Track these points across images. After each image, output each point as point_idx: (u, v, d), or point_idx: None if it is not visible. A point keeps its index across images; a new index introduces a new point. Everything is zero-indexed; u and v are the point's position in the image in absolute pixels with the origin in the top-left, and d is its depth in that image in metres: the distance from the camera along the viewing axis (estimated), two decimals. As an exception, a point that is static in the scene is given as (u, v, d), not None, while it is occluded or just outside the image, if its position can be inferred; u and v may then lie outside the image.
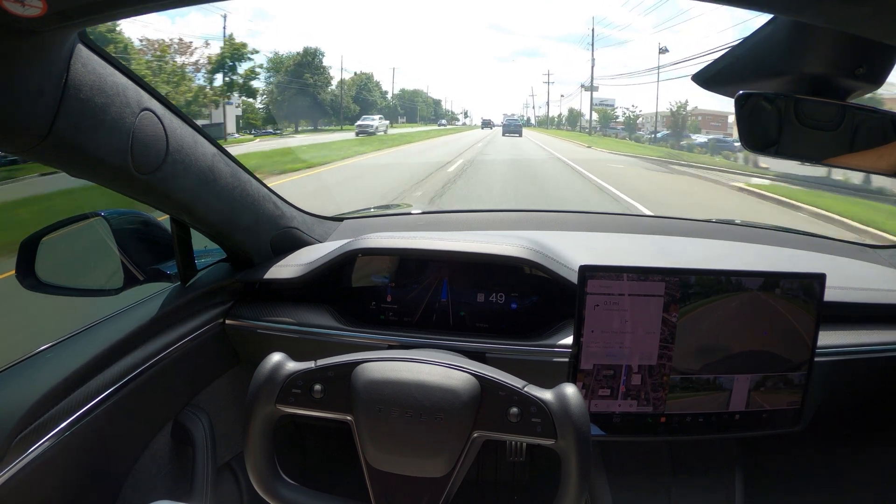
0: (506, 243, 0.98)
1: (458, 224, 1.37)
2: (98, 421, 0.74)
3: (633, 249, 1.17)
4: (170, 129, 0.73)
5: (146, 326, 0.85)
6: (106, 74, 0.61)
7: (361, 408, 0.60)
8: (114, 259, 0.88)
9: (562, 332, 0.94)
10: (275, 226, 1.06)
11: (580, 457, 0.58)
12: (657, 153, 19.33)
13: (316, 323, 0.99)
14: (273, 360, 0.63)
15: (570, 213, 1.56)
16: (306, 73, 31.72)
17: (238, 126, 24.20)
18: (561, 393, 0.60)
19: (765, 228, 1.42)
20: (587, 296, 0.82)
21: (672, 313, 0.83)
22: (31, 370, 0.72)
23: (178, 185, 0.78)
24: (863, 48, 0.51)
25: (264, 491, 0.63)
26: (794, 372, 0.87)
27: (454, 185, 8.85)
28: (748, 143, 0.61)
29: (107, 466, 0.79)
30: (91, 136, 0.60)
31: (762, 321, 0.85)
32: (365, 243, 1.00)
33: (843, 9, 0.37)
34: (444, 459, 0.60)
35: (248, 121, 25.57)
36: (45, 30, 0.48)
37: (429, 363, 0.63)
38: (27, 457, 0.65)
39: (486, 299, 1.02)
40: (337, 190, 8.23)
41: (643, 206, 7.12)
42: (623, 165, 14.09)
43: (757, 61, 0.58)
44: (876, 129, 0.57)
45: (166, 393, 0.90)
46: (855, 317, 0.99)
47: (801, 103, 0.57)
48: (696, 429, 0.87)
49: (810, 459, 1.17)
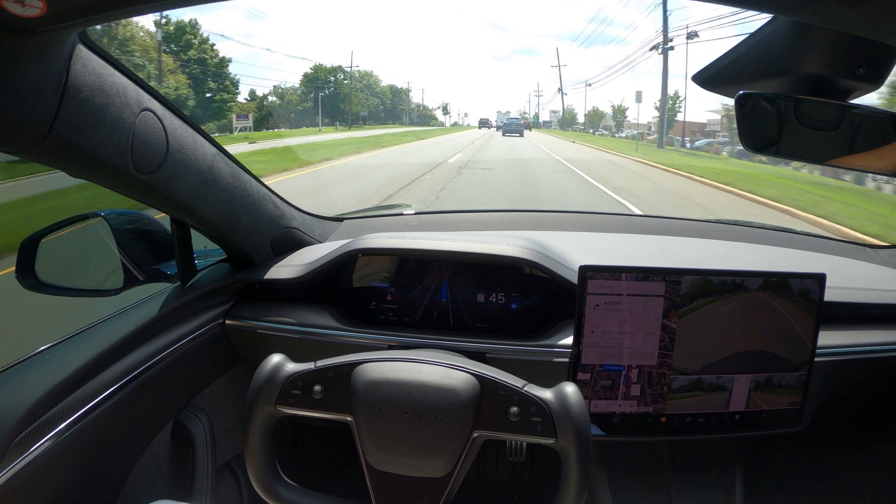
0: (506, 243, 0.98)
1: (458, 224, 1.37)
2: (98, 421, 0.74)
3: (633, 249, 1.17)
4: (170, 129, 0.73)
5: (146, 327, 0.85)
6: (106, 74, 0.61)
7: (361, 408, 0.60)
8: (114, 259, 0.88)
9: (562, 333, 0.94)
10: (275, 226, 1.06)
11: (580, 456, 0.58)
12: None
13: (316, 323, 0.99)
14: (273, 361, 0.63)
15: (569, 213, 1.56)
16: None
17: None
18: (561, 392, 0.60)
19: (765, 228, 1.42)
20: (587, 296, 0.82)
21: (672, 319, 0.83)
22: (31, 370, 0.72)
23: (178, 185, 0.77)
24: (863, 48, 0.51)
25: (264, 491, 0.63)
26: (794, 372, 0.87)
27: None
28: (748, 144, 0.61)
29: (107, 466, 0.79)
30: (91, 136, 0.60)
31: (762, 321, 0.85)
32: (365, 243, 1.00)
33: (843, 9, 0.37)
34: (444, 459, 0.60)
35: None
36: (45, 30, 0.48)
37: (429, 363, 0.63)
38: (27, 457, 0.65)
39: (486, 299, 1.01)
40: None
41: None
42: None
43: (757, 61, 0.58)
44: (876, 130, 0.57)
45: (166, 393, 0.90)
46: (855, 317, 0.99)
47: (801, 103, 0.57)
48: (696, 429, 0.87)
49: (810, 459, 1.17)
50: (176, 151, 0.75)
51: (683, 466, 1.10)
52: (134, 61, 20.88)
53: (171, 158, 0.74)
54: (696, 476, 1.10)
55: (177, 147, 0.75)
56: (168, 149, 0.73)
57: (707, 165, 13.46)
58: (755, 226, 1.46)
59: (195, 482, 0.93)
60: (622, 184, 9.72)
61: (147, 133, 0.69)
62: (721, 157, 19.90)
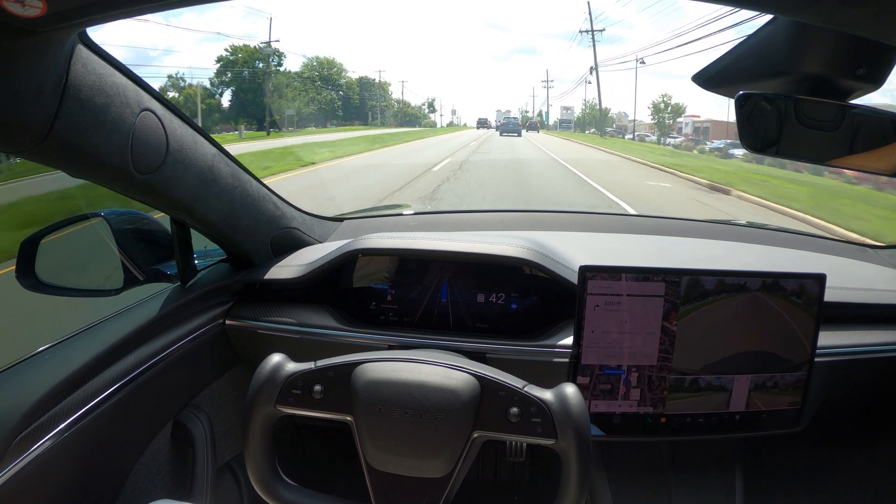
0: (506, 244, 0.98)
1: (458, 224, 1.37)
2: (98, 421, 0.74)
3: (633, 250, 1.17)
4: (170, 130, 0.73)
5: (146, 327, 0.85)
6: (106, 74, 0.61)
7: (361, 408, 0.60)
8: (114, 259, 0.88)
9: (562, 333, 0.94)
10: (275, 226, 1.06)
11: (580, 457, 0.58)
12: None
13: (316, 323, 0.99)
14: (273, 361, 0.63)
15: (568, 213, 1.56)
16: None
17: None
18: (561, 393, 0.60)
19: (765, 229, 1.42)
20: (587, 296, 0.82)
21: (672, 321, 0.83)
22: (31, 370, 0.72)
23: (178, 185, 0.78)
24: (863, 48, 0.51)
25: (264, 491, 0.63)
26: (794, 372, 0.87)
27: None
28: (748, 144, 0.61)
29: (107, 466, 0.79)
30: (91, 136, 0.60)
31: (762, 322, 0.85)
32: (365, 244, 1.00)
33: (843, 9, 0.37)
34: (444, 460, 0.60)
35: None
36: (45, 30, 0.48)
37: (429, 363, 0.63)
38: (27, 457, 0.65)
39: (486, 299, 1.01)
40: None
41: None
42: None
43: (757, 61, 0.58)
44: (876, 130, 0.57)
45: (166, 393, 0.90)
46: (855, 317, 0.99)
47: (801, 103, 0.57)
48: (696, 429, 0.87)
49: (810, 459, 1.17)
50: (176, 151, 0.75)
51: (683, 466, 1.10)
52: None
53: (171, 158, 0.74)
54: (696, 476, 1.10)
55: (177, 147, 0.75)
56: (168, 149, 0.73)
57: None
58: (755, 226, 1.46)
59: (195, 482, 0.93)
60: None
61: (147, 133, 0.69)
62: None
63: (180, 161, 0.76)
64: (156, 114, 0.70)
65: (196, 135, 0.80)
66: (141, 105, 0.67)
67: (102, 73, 0.61)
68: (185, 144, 0.77)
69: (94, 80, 0.59)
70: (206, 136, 0.83)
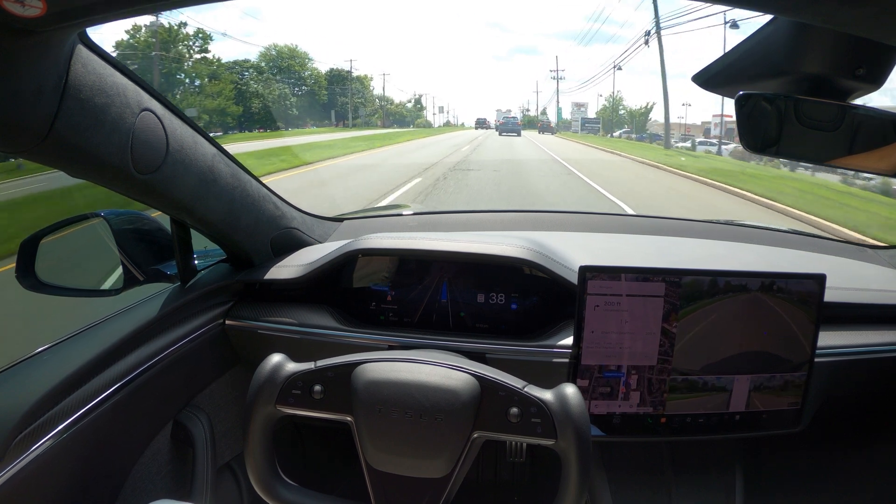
0: (506, 244, 0.98)
1: (458, 224, 1.37)
2: (98, 421, 0.74)
3: (633, 250, 1.18)
4: (170, 130, 0.73)
5: (146, 327, 0.85)
6: (106, 74, 0.61)
7: (361, 408, 0.60)
8: (114, 259, 0.88)
9: (562, 333, 0.94)
10: (275, 226, 1.06)
11: (580, 457, 0.58)
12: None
13: (316, 323, 0.99)
14: (273, 361, 0.63)
15: (568, 213, 1.56)
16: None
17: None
18: (561, 393, 0.60)
19: (765, 229, 1.42)
20: (587, 296, 0.82)
21: (672, 322, 0.83)
22: (31, 370, 0.72)
23: (178, 185, 0.78)
24: (863, 48, 0.51)
25: (264, 491, 0.63)
26: (794, 372, 0.87)
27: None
28: (748, 144, 0.61)
29: (107, 466, 0.79)
30: (91, 136, 0.60)
31: (762, 322, 0.85)
32: (365, 244, 1.00)
33: (843, 9, 0.37)
34: (444, 460, 0.60)
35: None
36: (45, 30, 0.48)
37: (429, 364, 0.63)
38: (27, 457, 0.65)
39: (486, 300, 1.01)
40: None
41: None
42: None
43: (757, 61, 0.58)
44: (876, 130, 0.57)
45: (166, 393, 0.90)
46: (855, 317, 0.99)
47: (801, 104, 0.57)
48: (696, 429, 0.87)
49: (810, 460, 1.17)
50: (176, 151, 0.75)
51: (683, 466, 1.10)
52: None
53: (171, 158, 0.74)
54: (696, 476, 1.10)
55: (177, 147, 0.75)
56: (168, 149, 0.73)
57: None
58: (754, 226, 1.46)
59: (195, 482, 0.93)
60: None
61: (147, 133, 0.69)
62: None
63: (180, 161, 0.76)
64: (156, 114, 0.70)
65: (196, 135, 0.80)
66: (141, 105, 0.67)
67: (102, 73, 0.61)
68: (185, 144, 0.77)
69: (94, 80, 0.59)
70: (206, 136, 0.83)
